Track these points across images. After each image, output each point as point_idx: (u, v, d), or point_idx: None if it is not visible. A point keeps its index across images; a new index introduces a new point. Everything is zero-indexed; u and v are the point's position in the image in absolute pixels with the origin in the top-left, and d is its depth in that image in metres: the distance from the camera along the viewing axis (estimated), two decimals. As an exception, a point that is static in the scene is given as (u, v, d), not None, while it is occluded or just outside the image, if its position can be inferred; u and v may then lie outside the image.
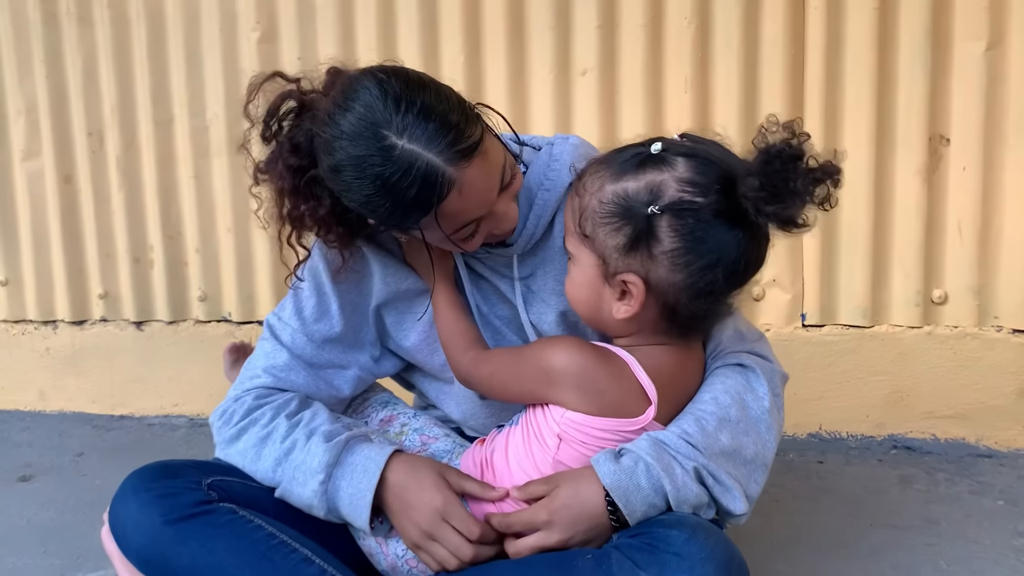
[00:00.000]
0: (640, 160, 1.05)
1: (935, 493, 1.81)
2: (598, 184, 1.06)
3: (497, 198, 1.12)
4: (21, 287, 2.58)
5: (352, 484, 1.14)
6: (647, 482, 1.05)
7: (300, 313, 1.30)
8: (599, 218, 1.05)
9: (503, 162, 1.12)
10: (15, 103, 2.49)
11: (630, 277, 1.05)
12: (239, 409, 1.25)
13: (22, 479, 2.07)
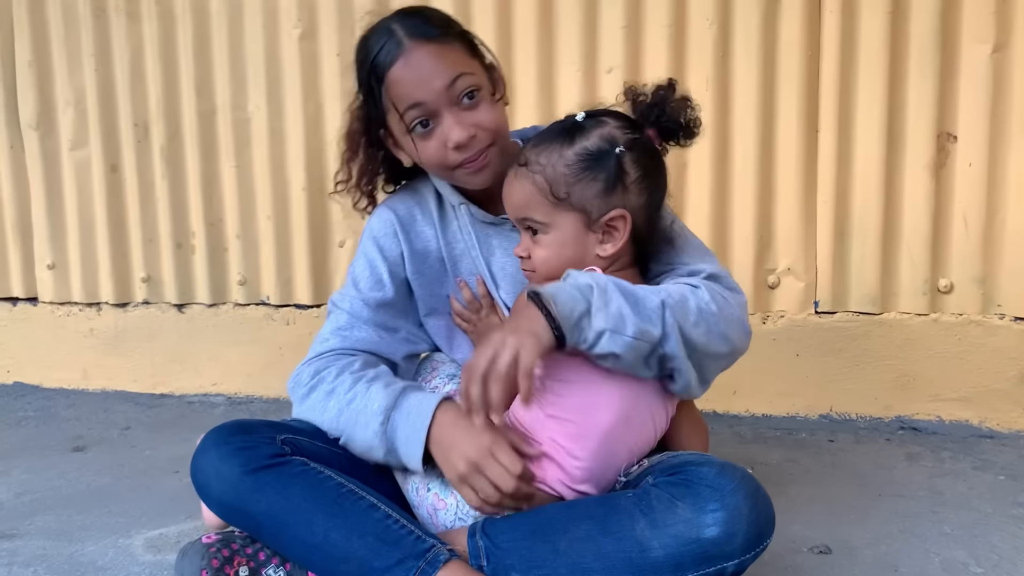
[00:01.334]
0: (576, 126, 1.26)
1: (940, 468, 1.92)
2: (555, 155, 1.24)
3: (450, 103, 1.30)
4: (67, 271, 2.70)
5: (408, 424, 1.27)
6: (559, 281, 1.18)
7: (356, 284, 1.46)
8: (571, 178, 1.23)
9: (474, 83, 1.31)
10: (64, 95, 2.61)
11: (617, 212, 1.24)
12: (308, 371, 1.39)
13: (76, 449, 2.19)
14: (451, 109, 1.31)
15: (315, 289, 2.51)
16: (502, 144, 1.37)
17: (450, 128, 1.31)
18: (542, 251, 1.28)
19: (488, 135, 1.33)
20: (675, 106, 1.27)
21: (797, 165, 2.16)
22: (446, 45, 1.32)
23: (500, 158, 1.36)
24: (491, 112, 1.34)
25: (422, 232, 1.48)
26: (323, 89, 2.44)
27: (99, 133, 2.60)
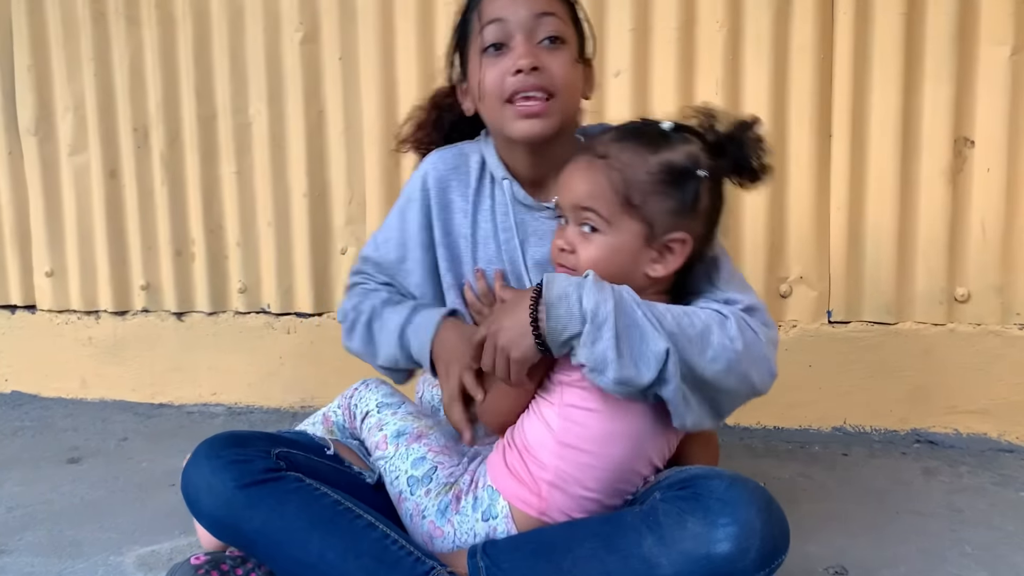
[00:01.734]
0: (663, 136, 1.20)
1: (958, 484, 1.86)
2: (639, 159, 1.17)
3: (528, 34, 1.27)
4: (66, 278, 2.66)
5: (417, 336, 1.37)
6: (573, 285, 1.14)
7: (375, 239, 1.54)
8: (649, 187, 1.16)
9: (561, 32, 1.29)
10: (63, 99, 2.58)
11: (680, 235, 1.18)
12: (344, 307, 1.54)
13: (71, 461, 2.14)
14: (527, 39, 1.27)
15: (316, 297, 2.46)
16: (563, 106, 1.30)
17: (519, 54, 1.26)
18: (592, 251, 1.19)
19: (553, 82, 1.28)
20: (754, 146, 1.21)
21: (809, 171, 2.11)
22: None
23: (556, 119, 1.30)
24: (566, 66, 1.29)
25: (453, 202, 1.43)
26: (325, 94, 2.40)
27: (98, 138, 2.56)
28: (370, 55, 2.33)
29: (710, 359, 1.14)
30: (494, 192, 1.41)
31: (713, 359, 1.15)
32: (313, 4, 2.37)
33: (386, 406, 1.42)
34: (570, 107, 1.33)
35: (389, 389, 1.47)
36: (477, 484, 1.27)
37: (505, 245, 1.39)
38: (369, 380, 1.50)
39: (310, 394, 2.50)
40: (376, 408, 1.42)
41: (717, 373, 1.15)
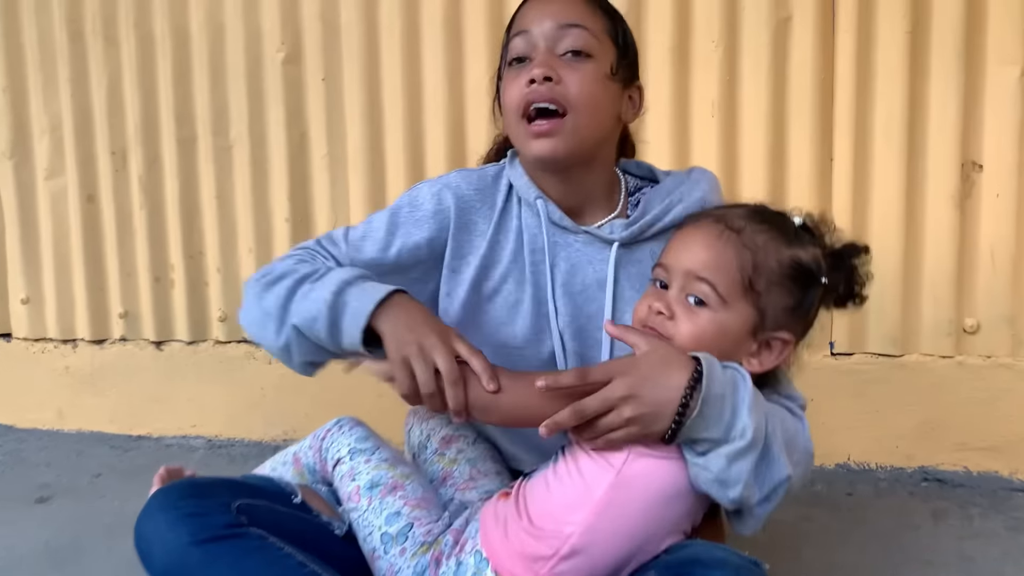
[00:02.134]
0: (795, 230, 1.13)
1: (969, 529, 1.76)
2: (773, 246, 1.09)
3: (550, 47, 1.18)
4: (42, 305, 2.58)
5: (359, 299, 1.12)
6: (731, 386, 1.02)
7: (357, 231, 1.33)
8: (775, 277, 1.09)
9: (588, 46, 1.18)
10: (40, 122, 2.50)
11: (786, 335, 1.10)
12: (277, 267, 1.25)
13: (40, 500, 2.05)
14: (549, 51, 1.18)
15: (299, 326, 2.37)
16: (581, 124, 1.18)
17: (536, 64, 1.17)
18: (696, 326, 1.08)
19: (567, 96, 1.16)
20: (861, 274, 1.17)
21: (810, 195, 2.02)
22: (587, 1, 1.22)
23: (571, 139, 1.18)
24: (586, 80, 1.17)
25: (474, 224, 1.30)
26: (308, 116, 2.32)
27: (75, 162, 2.48)
28: (354, 76, 2.25)
29: (794, 463, 1.07)
30: (521, 214, 1.29)
31: (796, 463, 1.08)
32: (295, 23, 2.29)
33: (359, 452, 1.32)
34: (592, 127, 1.19)
35: (364, 432, 1.36)
36: (463, 547, 1.15)
37: (532, 268, 1.27)
38: (343, 420, 1.41)
39: (292, 427, 2.41)
40: (348, 455, 1.32)
41: (799, 479, 1.09)
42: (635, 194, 1.32)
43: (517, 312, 1.28)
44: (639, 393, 1.01)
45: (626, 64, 1.25)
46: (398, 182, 2.25)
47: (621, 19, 1.27)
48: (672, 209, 1.24)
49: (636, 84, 1.29)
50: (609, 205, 1.29)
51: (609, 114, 1.22)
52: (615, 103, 1.24)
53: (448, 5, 2.18)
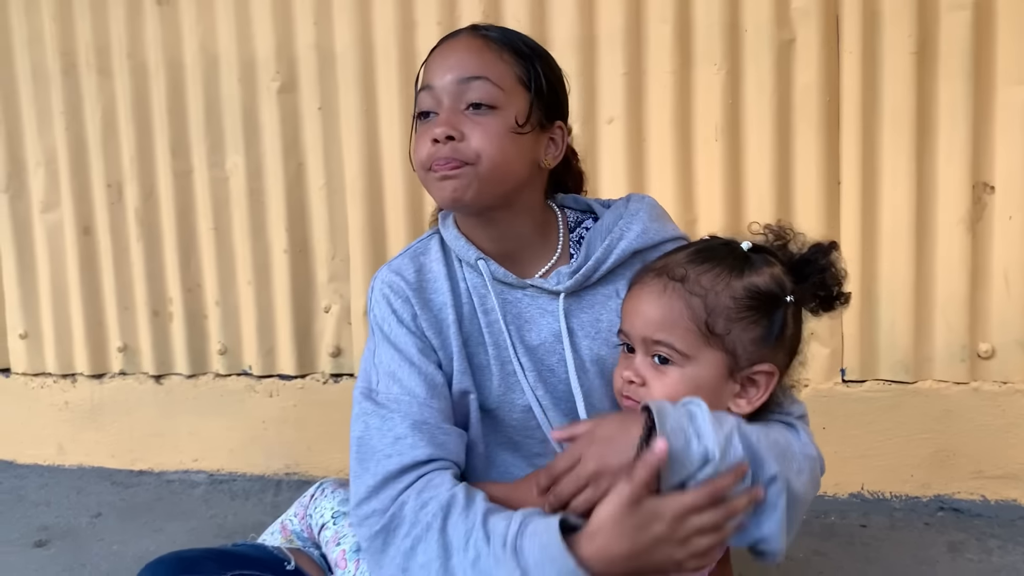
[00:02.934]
0: (744, 257, 1.08)
1: (988, 565, 1.71)
2: (722, 283, 1.05)
3: (454, 103, 1.12)
4: (40, 340, 2.55)
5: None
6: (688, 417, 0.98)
7: (394, 377, 1.18)
8: (734, 314, 1.04)
9: (493, 99, 1.12)
10: (35, 154, 2.47)
11: (767, 367, 1.05)
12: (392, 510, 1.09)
13: (38, 544, 2.02)
14: (454, 107, 1.12)
15: (299, 358, 2.34)
16: (485, 174, 1.12)
17: (437, 122, 1.12)
18: (667, 386, 1.05)
19: (468, 152, 1.11)
20: (835, 273, 1.11)
21: (817, 220, 1.98)
22: (492, 47, 1.15)
23: (475, 186, 1.12)
24: (491, 135, 1.11)
25: (431, 300, 1.22)
26: (305, 145, 2.28)
27: (71, 194, 2.45)
28: (350, 104, 2.22)
29: (796, 471, 1.04)
30: (465, 276, 1.24)
31: (798, 471, 1.04)
32: (290, 52, 2.26)
33: (342, 515, 1.28)
34: (497, 179, 1.14)
35: (346, 495, 1.32)
36: None
37: (488, 329, 1.22)
38: (325, 483, 1.37)
39: (295, 460, 2.37)
40: (332, 519, 1.28)
41: (804, 485, 1.05)
42: (576, 229, 1.27)
43: (485, 375, 1.22)
44: (604, 459, 0.98)
45: (542, 107, 1.17)
46: (397, 212, 2.21)
47: (539, 58, 1.19)
48: (614, 248, 1.19)
49: (557, 125, 1.20)
50: (547, 248, 1.24)
51: (519, 163, 1.16)
52: (528, 151, 1.17)
53: (445, 30, 2.14)
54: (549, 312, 1.21)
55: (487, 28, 1.17)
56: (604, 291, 1.21)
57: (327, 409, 2.34)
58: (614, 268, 1.20)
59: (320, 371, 2.35)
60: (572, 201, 1.32)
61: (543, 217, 1.25)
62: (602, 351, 1.19)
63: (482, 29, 1.16)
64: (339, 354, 2.33)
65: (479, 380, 1.22)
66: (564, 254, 1.25)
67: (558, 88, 1.20)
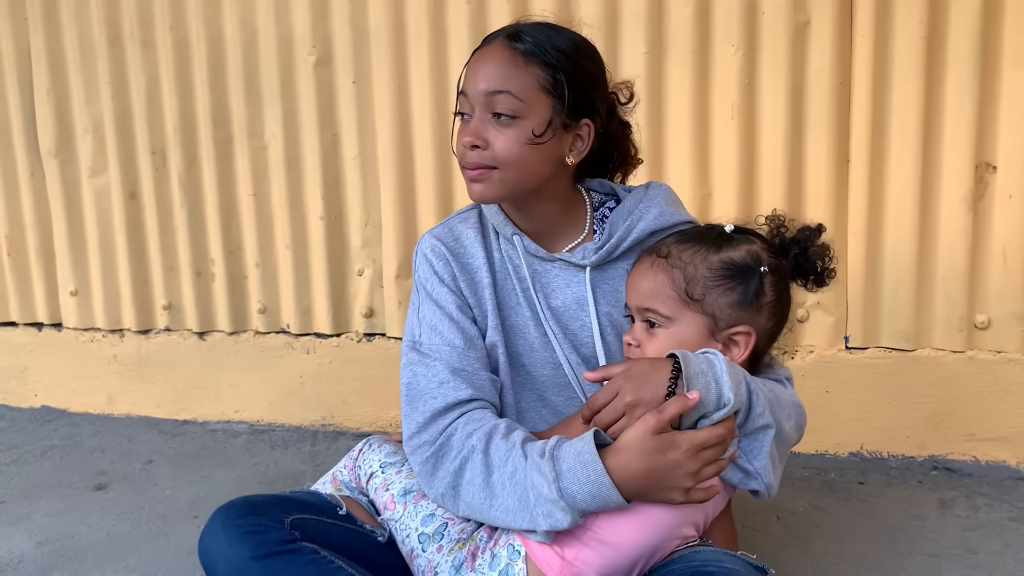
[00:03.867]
0: (724, 236, 1.29)
1: (975, 519, 1.85)
2: (699, 256, 1.25)
3: (484, 109, 1.27)
4: (90, 297, 2.71)
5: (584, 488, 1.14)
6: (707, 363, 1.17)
7: (436, 329, 1.36)
8: (710, 281, 1.24)
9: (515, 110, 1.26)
10: (82, 122, 2.60)
11: (744, 328, 1.24)
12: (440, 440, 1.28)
13: (98, 487, 2.19)
14: (483, 114, 1.28)
15: (334, 318, 2.49)
16: (509, 177, 1.29)
17: (467, 126, 1.29)
18: (656, 345, 1.26)
19: (494, 158, 1.28)
20: (816, 250, 1.31)
21: (827, 196, 2.08)
22: (518, 60, 1.27)
23: (499, 187, 1.30)
24: (512, 145, 1.27)
25: (470, 264, 1.41)
26: (339, 117, 2.40)
27: (117, 160, 2.58)
28: (383, 78, 2.33)
29: (786, 416, 1.26)
30: (501, 247, 1.41)
31: (788, 416, 1.27)
32: (326, 27, 2.36)
33: (390, 465, 1.44)
34: (520, 180, 1.30)
35: (392, 447, 1.48)
36: (496, 541, 1.26)
37: (524, 294, 1.39)
38: (372, 439, 1.52)
39: (329, 413, 2.53)
40: (380, 468, 1.44)
41: (791, 429, 1.28)
42: (599, 209, 1.44)
43: (520, 334, 1.40)
44: (639, 393, 1.15)
45: (567, 111, 1.29)
46: (427, 182, 2.33)
47: (571, 62, 1.29)
48: (634, 228, 1.37)
49: (584, 123, 1.32)
50: (575, 227, 1.42)
51: (542, 164, 1.30)
52: (551, 152, 1.30)
53: (474, 8, 2.24)
54: (575, 283, 1.39)
55: (520, 37, 1.28)
56: (624, 265, 1.39)
57: (360, 366, 2.49)
58: (633, 246, 1.38)
59: (354, 330, 2.50)
60: (598, 185, 1.48)
61: (571, 201, 1.42)
62: (620, 317, 1.37)
63: (515, 38, 1.28)
64: (372, 315, 2.47)
65: (514, 338, 1.40)
66: (589, 232, 1.42)
67: (588, 88, 1.32)
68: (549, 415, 1.41)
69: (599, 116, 1.35)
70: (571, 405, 1.40)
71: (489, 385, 1.35)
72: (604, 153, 1.45)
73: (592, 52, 1.35)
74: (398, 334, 2.42)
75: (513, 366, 1.40)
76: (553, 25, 1.33)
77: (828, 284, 1.35)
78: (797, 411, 1.31)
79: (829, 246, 1.33)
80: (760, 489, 1.25)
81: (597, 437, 1.16)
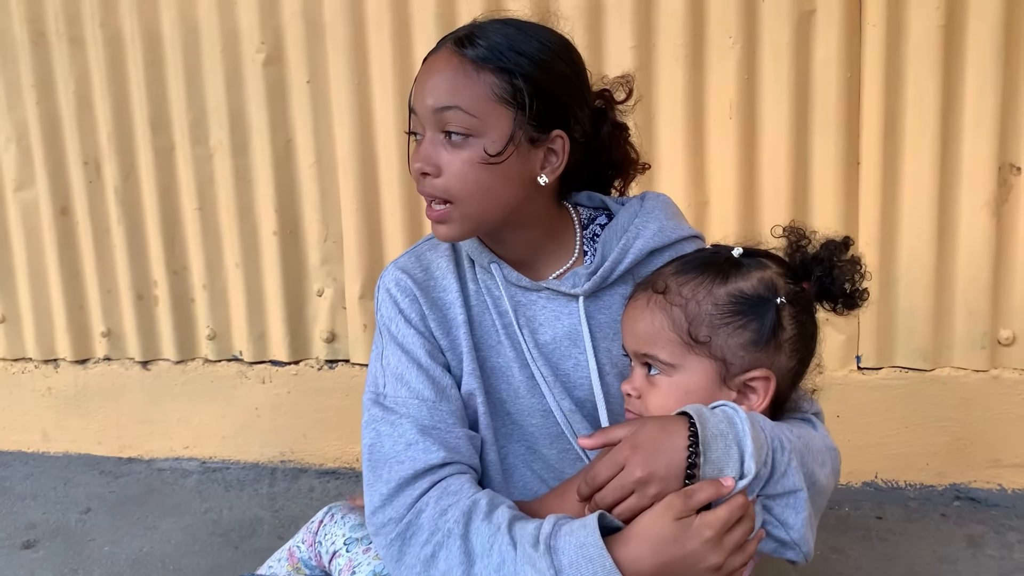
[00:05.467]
0: (733, 263, 1.08)
1: (1010, 561, 1.68)
2: (702, 290, 1.05)
3: (435, 128, 1.08)
4: (19, 324, 2.45)
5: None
6: (727, 423, 0.96)
7: (402, 380, 1.15)
8: (717, 320, 1.04)
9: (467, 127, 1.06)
10: (5, 130, 2.33)
11: (761, 372, 1.04)
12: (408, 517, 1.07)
13: (26, 546, 1.95)
14: (434, 134, 1.08)
15: (292, 344, 2.25)
16: (468, 211, 1.09)
17: (418, 154, 1.10)
18: (659, 397, 1.06)
19: (447, 189, 1.07)
20: (844, 268, 1.09)
21: (836, 202, 1.90)
22: (468, 69, 1.06)
23: (461, 225, 1.10)
24: (467, 169, 1.06)
25: (440, 299, 1.19)
26: (293, 121, 2.16)
27: (45, 172, 2.32)
28: (341, 77, 2.09)
29: (820, 464, 1.05)
30: (477, 277, 1.20)
31: (823, 464, 1.06)
32: (276, 21, 2.13)
33: (356, 542, 1.21)
34: (483, 210, 1.10)
35: (358, 519, 1.25)
36: None
37: (505, 331, 1.18)
38: (334, 508, 1.29)
39: (289, 448, 2.30)
40: (345, 546, 1.21)
41: (827, 477, 1.07)
42: (589, 227, 1.24)
43: (502, 377, 1.19)
44: (651, 467, 0.95)
45: (533, 121, 1.08)
46: (392, 191, 2.11)
47: (532, 65, 1.08)
48: (631, 247, 1.17)
49: (556, 134, 1.10)
50: (562, 250, 1.21)
51: (507, 189, 1.10)
52: (516, 173, 1.09)
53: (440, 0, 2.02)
54: (564, 314, 1.18)
55: (471, 40, 1.07)
56: (621, 291, 1.18)
57: (322, 396, 2.26)
58: (631, 268, 1.17)
59: (314, 357, 2.27)
60: (586, 199, 1.27)
61: (555, 222, 1.21)
62: (621, 353, 1.16)
63: (465, 43, 1.07)
64: (333, 339, 2.24)
65: (496, 383, 1.19)
66: (579, 255, 1.22)
67: (560, 94, 1.10)
68: (542, 469, 1.21)
69: (578, 124, 1.13)
70: (565, 458, 1.20)
71: (466, 444, 1.14)
72: (595, 163, 1.23)
73: (565, 50, 1.12)
74: (363, 360, 2.19)
75: (496, 415, 1.19)
76: (516, 22, 1.11)
77: (861, 307, 1.12)
78: (832, 455, 1.10)
79: (859, 261, 1.11)
80: (798, 559, 1.05)
81: (602, 520, 0.94)
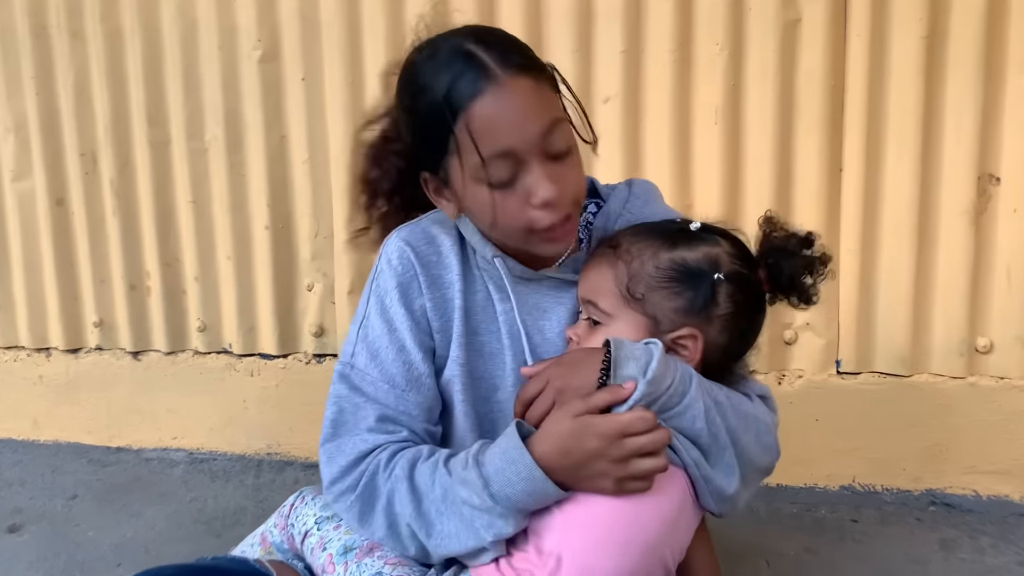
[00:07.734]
0: (687, 234, 1.13)
1: (981, 565, 1.69)
2: (648, 251, 1.11)
3: (541, 154, 1.04)
4: (13, 312, 2.47)
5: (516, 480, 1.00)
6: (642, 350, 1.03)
7: (376, 357, 1.17)
8: (655, 282, 1.10)
9: (570, 135, 1.09)
10: (4, 121, 2.36)
11: (688, 331, 1.09)
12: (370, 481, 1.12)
13: (11, 530, 1.96)
14: (541, 160, 1.04)
15: (281, 337, 2.27)
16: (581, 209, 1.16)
17: (538, 182, 1.04)
18: (593, 343, 1.11)
19: (573, 199, 1.09)
20: (796, 260, 1.14)
21: (818, 209, 1.92)
22: (541, 82, 1.07)
23: (576, 227, 1.15)
24: (580, 175, 1.11)
25: (441, 277, 1.19)
26: (287, 117, 2.19)
27: (43, 163, 2.35)
28: (336, 74, 2.12)
29: (745, 428, 1.10)
30: (479, 264, 1.21)
31: (747, 428, 1.10)
32: (272, 18, 2.16)
33: (326, 520, 1.23)
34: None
35: None
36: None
37: (504, 317, 1.19)
38: (305, 491, 1.31)
39: (275, 440, 2.32)
40: (316, 525, 1.23)
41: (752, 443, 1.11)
42: (582, 214, 1.25)
43: (496, 363, 1.21)
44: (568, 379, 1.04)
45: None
46: (383, 189, 2.13)
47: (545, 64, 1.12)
48: None
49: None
50: None
51: None
52: None
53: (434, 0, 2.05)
54: (568, 299, 1.21)
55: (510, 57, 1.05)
56: None
57: (309, 389, 2.28)
58: None
59: (303, 351, 2.29)
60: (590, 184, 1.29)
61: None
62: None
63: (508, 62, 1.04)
64: (322, 334, 2.26)
65: (490, 368, 1.21)
66: (575, 242, 1.22)
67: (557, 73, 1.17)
68: None
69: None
70: None
71: (427, 438, 1.18)
72: None
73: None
74: (351, 355, 2.21)
75: (485, 401, 1.21)
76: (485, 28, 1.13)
77: (813, 302, 1.17)
78: (761, 427, 1.13)
79: (817, 259, 1.15)
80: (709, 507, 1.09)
81: (520, 429, 1.03)
